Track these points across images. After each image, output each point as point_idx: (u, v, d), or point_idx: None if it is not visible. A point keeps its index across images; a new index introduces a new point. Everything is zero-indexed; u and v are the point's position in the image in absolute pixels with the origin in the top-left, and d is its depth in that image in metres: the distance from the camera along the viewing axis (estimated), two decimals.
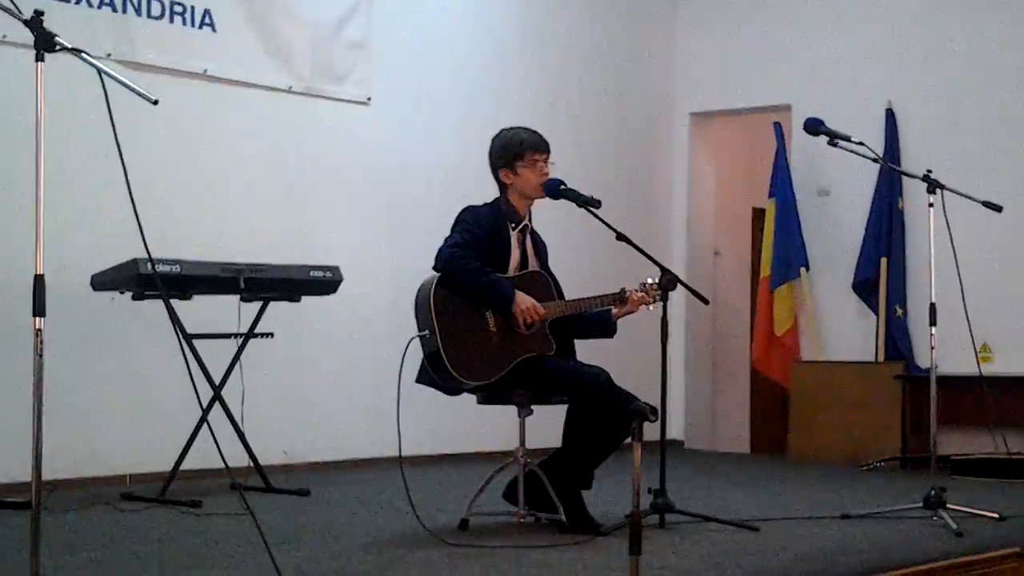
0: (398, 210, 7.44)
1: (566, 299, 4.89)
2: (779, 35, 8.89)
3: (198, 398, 4.01)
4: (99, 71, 3.18)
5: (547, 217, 5.49)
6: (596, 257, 7.88)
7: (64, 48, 3.06)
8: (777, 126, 8.68)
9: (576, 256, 7.62)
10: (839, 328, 8.54)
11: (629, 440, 3.48)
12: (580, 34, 8.64)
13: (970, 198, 5.36)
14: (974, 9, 8.12)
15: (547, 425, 5.03)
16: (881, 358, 8.15)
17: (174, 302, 5.24)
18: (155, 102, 3.15)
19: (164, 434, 6.00)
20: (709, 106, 9.31)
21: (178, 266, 5.36)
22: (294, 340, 6.64)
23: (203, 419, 5.34)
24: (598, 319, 5.00)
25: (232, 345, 5.77)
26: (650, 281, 4.93)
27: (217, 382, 5.66)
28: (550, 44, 8.43)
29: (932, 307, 5.26)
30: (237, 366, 5.74)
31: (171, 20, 6.38)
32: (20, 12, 3.10)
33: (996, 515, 5.16)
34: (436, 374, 4.62)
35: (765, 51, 8.94)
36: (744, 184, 10.01)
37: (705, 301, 5.21)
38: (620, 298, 4.91)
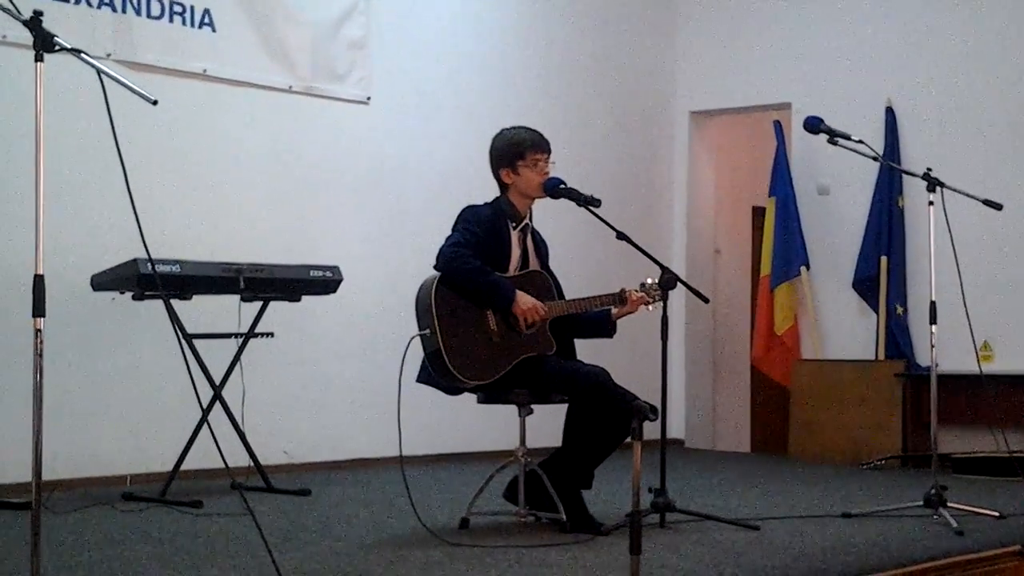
0: (398, 209, 7.43)
1: (566, 299, 4.89)
2: (779, 33, 8.88)
3: (198, 398, 4.02)
4: (98, 71, 3.18)
5: (547, 216, 5.49)
6: (596, 256, 7.89)
7: (63, 48, 3.05)
8: (777, 124, 8.68)
9: (576, 255, 7.62)
10: (839, 327, 8.53)
11: (629, 439, 3.48)
12: (580, 33, 8.63)
13: (970, 196, 5.35)
14: (974, 7, 8.11)
15: (547, 424, 5.03)
16: (881, 356, 8.13)
17: (174, 302, 5.25)
18: (155, 102, 3.15)
19: (164, 434, 6.01)
20: (709, 105, 9.29)
21: (178, 266, 5.36)
22: (294, 340, 6.64)
23: (203, 419, 5.34)
24: (598, 319, 5.00)
25: (232, 345, 5.77)
26: (650, 281, 4.92)
27: (217, 382, 5.66)
28: (550, 43, 8.42)
29: (932, 305, 5.25)
30: (237, 366, 5.74)
31: (171, 20, 6.38)
32: (19, 12, 3.09)
33: (997, 514, 5.16)
34: (437, 373, 4.62)
35: (765, 49, 8.93)
36: (744, 183, 10.01)
37: (705, 300, 5.20)
38: (619, 298, 4.91)
